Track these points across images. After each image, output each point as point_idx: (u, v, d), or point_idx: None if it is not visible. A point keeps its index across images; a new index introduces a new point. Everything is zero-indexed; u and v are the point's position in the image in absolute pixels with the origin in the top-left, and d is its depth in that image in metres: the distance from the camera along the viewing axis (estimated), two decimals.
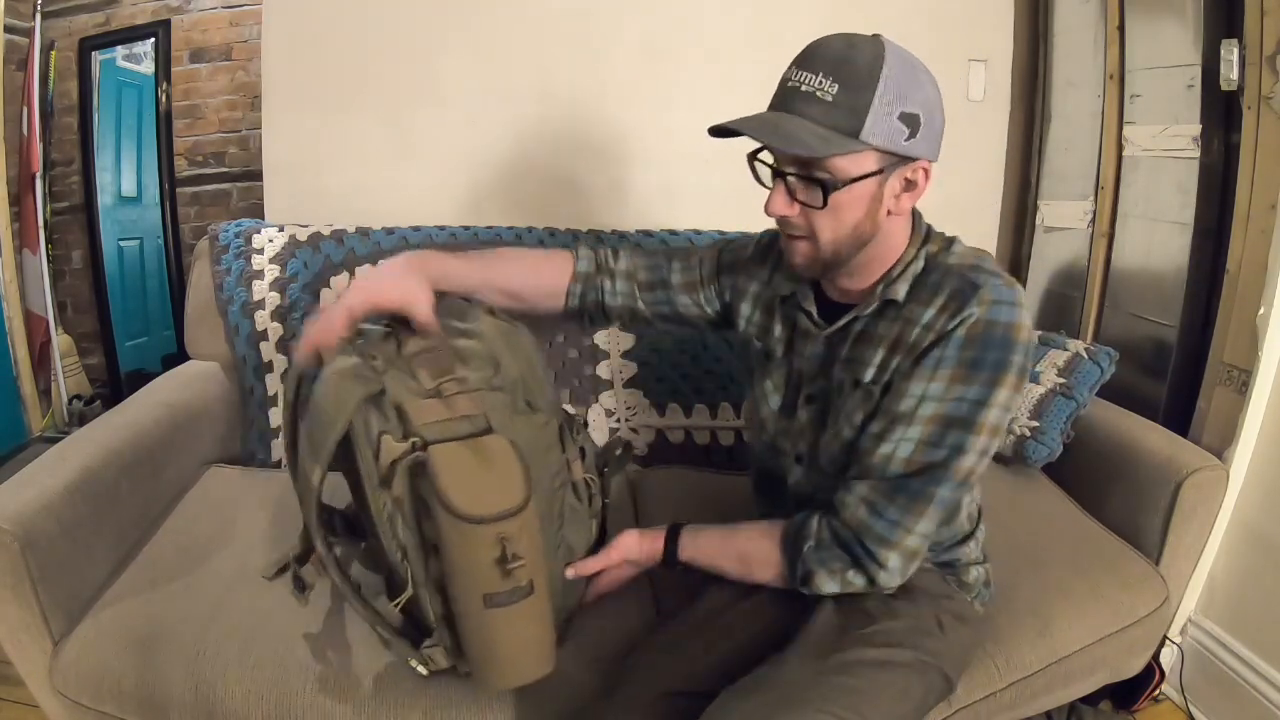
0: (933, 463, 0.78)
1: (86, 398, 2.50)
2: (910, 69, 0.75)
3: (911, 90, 0.75)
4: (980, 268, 0.80)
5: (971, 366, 0.76)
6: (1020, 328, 0.77)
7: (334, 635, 0.92)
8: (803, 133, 0.73)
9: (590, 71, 1.60)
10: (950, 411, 0.77)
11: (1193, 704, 1.30)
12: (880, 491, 0.79)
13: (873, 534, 0.79)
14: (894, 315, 0.82)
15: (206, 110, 2.57)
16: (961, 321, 0.76)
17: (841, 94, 0.73)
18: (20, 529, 0.86)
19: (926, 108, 0.76)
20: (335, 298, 1.35)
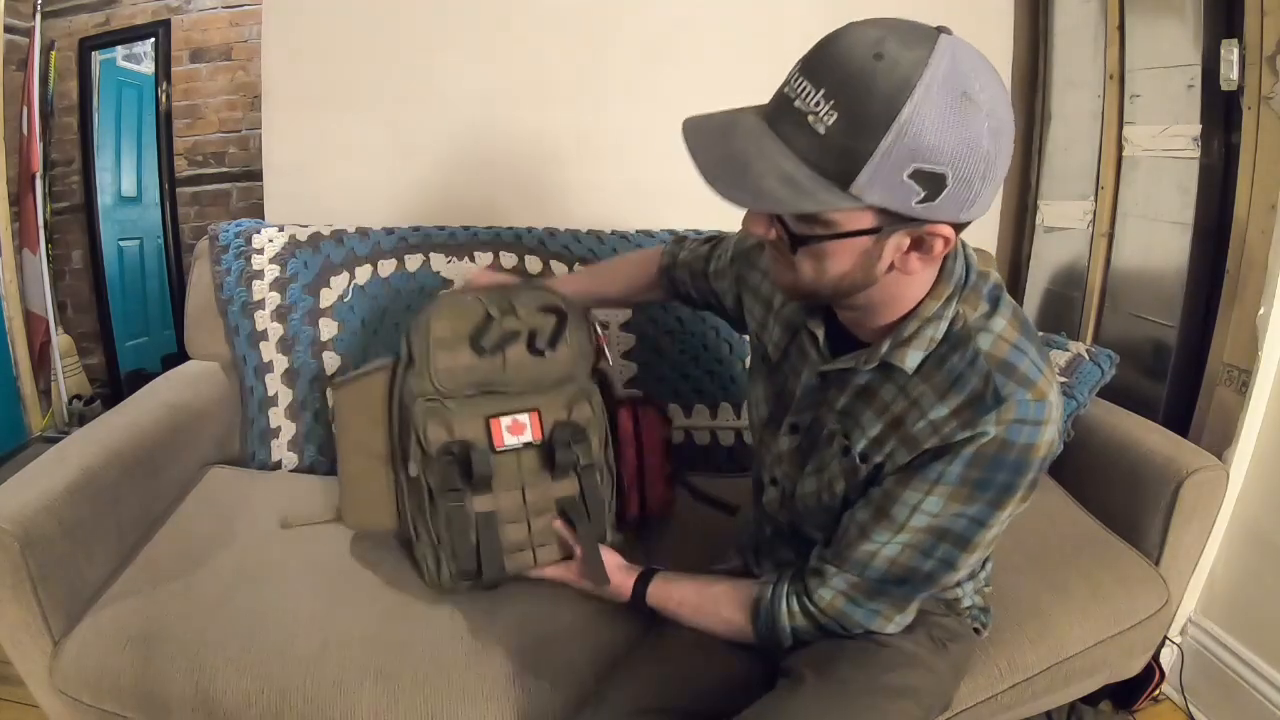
0: (918, 570, 0.73)
1: (86, 398, 2.50)
2: (955, 105, 0.54)
3: (943, 140, 0.54)
4: (1013, 368, 0.66)
5: (976, 487, 0.68)
6: (1039, 447, 0.67)
7: (334, 633, 0.92)
8: (769, 178, 0.57)
9: (591, 71, 1.60)
10: (945, 525, 0.70)
11: (1193, 704, 1.30)
12: (860, 590, 0.76)
13: (852, 620, 0.77)
14: (901, 383, 0.71)
15: (206, 110, 2.57)
16: (973, 438, 0.66)
17: (839, 126, 0.55)
18: (20, 529, 0.86)
19: (965, 165, 0.56)
20: (336, 298, 1.35)
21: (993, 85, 0.57)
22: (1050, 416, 0.67)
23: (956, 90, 0.55)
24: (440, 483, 0.95)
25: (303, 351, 1.35)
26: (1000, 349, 0.68)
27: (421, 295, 1.37)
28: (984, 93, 0.56)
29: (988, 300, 0.70)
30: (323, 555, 1.06)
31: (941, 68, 0.54)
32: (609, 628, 0.96)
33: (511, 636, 0.94)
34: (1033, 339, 0.70)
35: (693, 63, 1.61)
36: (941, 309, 0.69)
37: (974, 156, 0.56)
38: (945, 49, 0.55)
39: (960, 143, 0.55)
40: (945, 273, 0.69)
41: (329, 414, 1.22)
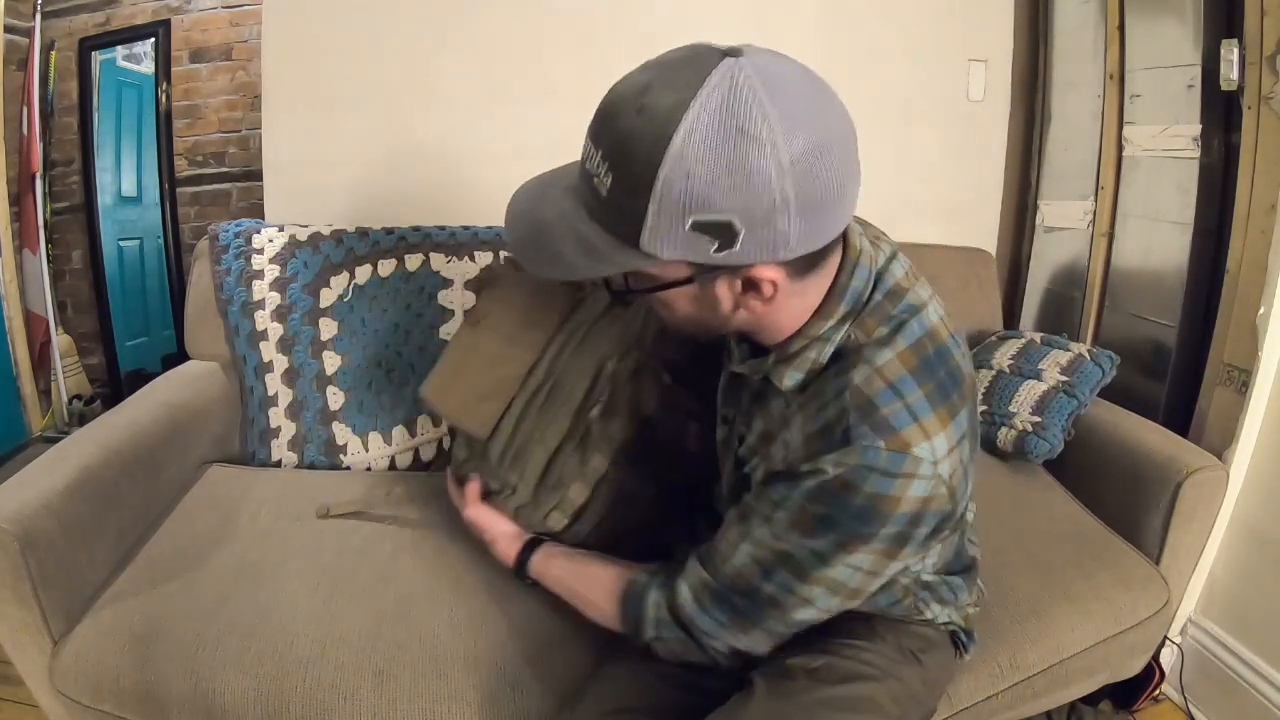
0: (758, 589, 0.68)
1: (86, 398, 2.50)
2: (725, 147, 0.49)
3: (717, 189, 0.50)
4: (874, 410, 0.60)
5: (818, 521, 0.62)
6: (896, 500, 0.60)
7: (333, 634, 0.92)
8: (567, 244, 0.56)
9: (591, 71, 1.59)
10: (788, 550, 0.65)
11: (1193, 704, 1.30)
12: (711, 591, 0.72)
13: (698, 626, 0.74)
14: (790, 398, 0.67)
15: (206, 110, 2.57)
16: (814, 472, 0.61)
17: (616, 189, 0.53)
18: (20, 529, 0.86)
19: (752, 208, 0.51)
20: (336, 298, 1.35)
21: (787, 108, 0.50)
22: (913, 471, 0.59)
23: (728, 129, 0.49)
24: (618, 446, 0.91)
25: (303, 351, 1.35)
26: (872, 386, 0.61)
27: (421, 295, 1.37)
28: (770, 120, 0.49)
29: (889, 325, 0.63)
30: (322, 555, 1.06)
31: (709, 107, 0.50)
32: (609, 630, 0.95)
33: (511, 639, 0.94)
34: (926, 379, 0.62)
35: None
36: (831, 330, 0.63)
37: (762, 197, 0.51)
38: (717, 83, 0.50)
39: (738, 187, 0.50)
40: (837, 289, 0.63)
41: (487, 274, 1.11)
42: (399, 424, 1.35)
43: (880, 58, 1.63)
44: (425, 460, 1.36)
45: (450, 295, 1.37)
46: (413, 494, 1.23)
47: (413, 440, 1.35)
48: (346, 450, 1.34)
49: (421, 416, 1.35)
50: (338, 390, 1.35)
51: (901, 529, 0.62)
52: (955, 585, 0.84)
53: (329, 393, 1.35)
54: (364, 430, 1.35)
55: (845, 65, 1.65)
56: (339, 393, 1.35)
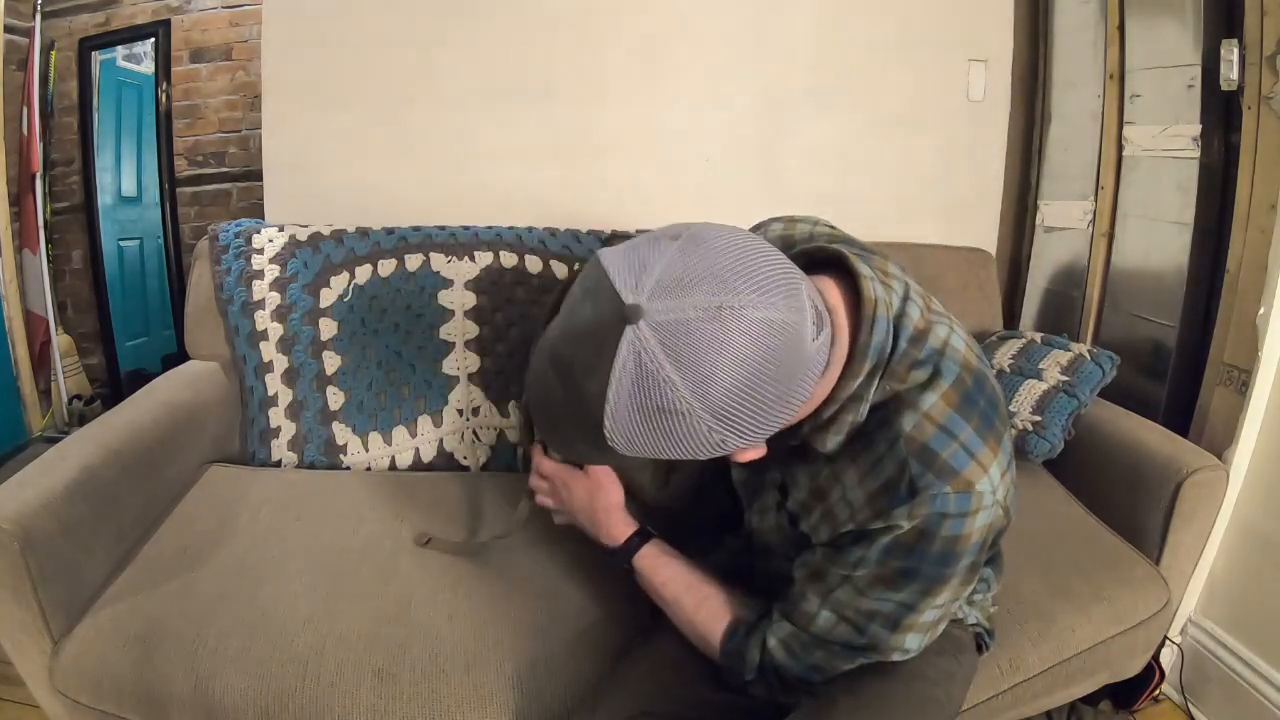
0: (852, 643, 0.70)
1: (86, 398, 2.50)
2: (653, 427, 0.53)
3: (663, 449, 0.54)
4: (934, 457, 0.61)
5: (900, 574, 0.64)
6: (967, 537, 0.62)
7: (333, 633, 0.92)
8: (577, 441, 0.58)
9: (590, 71, 1.60)
10: (874, 608, 0.67)
11: (1193, 704, 1.30)
12: (800, 641, 0.73)
13: (790, 673, 0.74)
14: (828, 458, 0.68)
15: (206, 110, 2.57)
16: (887, 529, 0.63)
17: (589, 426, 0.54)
18: (20, 529, 0.86)
19: (699, 449, 0.54)
20: (336, 298, 1.35)
21: (694, 367, 0.51)
22: (980, 506, 0.62)
23: (649, 409, 0.52)
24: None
25: (302, 351, 1.35)
26: (924, 431, 0.62)
27: (421, 295, 1.37)
28: (680, 391, 0.51)
29: (924, 370, 0.64)
30: (322, 555, 1.06)
31: (623, 393, 0.52)
32: (613, 632, 0.95)
33: (512, 638, 0.94)
34: (973, 412, 0.63)
35: (692, 62, 1.61)
36: (862, 388, 0.63)
37: (703, 445, 0.54)
38: (623, 366, 0.51)
39: (679, 445, 0.54)
40: (859, 349, 0.62)
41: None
42: (399, 424, 1.35)
43: (880, 58, 1.63)
44: (425, 460, 1.36)
45: (450, 295, 1.37)
46: (416, 496, 1.23)
47: (413, 440, 1.35)
48: (346, 450, 1.35)
49: (422, 417, 1.35)
50: (338, 390, 1.35)
51: (974, 559, 0.65)
52: (986, 578, 0.87)
53: (329, 393, 1.35)
54: (364, 430, 1.35)
55: (845, 65, 1.67)
56: (339, 393, 1.35)
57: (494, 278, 1.39)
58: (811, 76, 1.63)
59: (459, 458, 1.36)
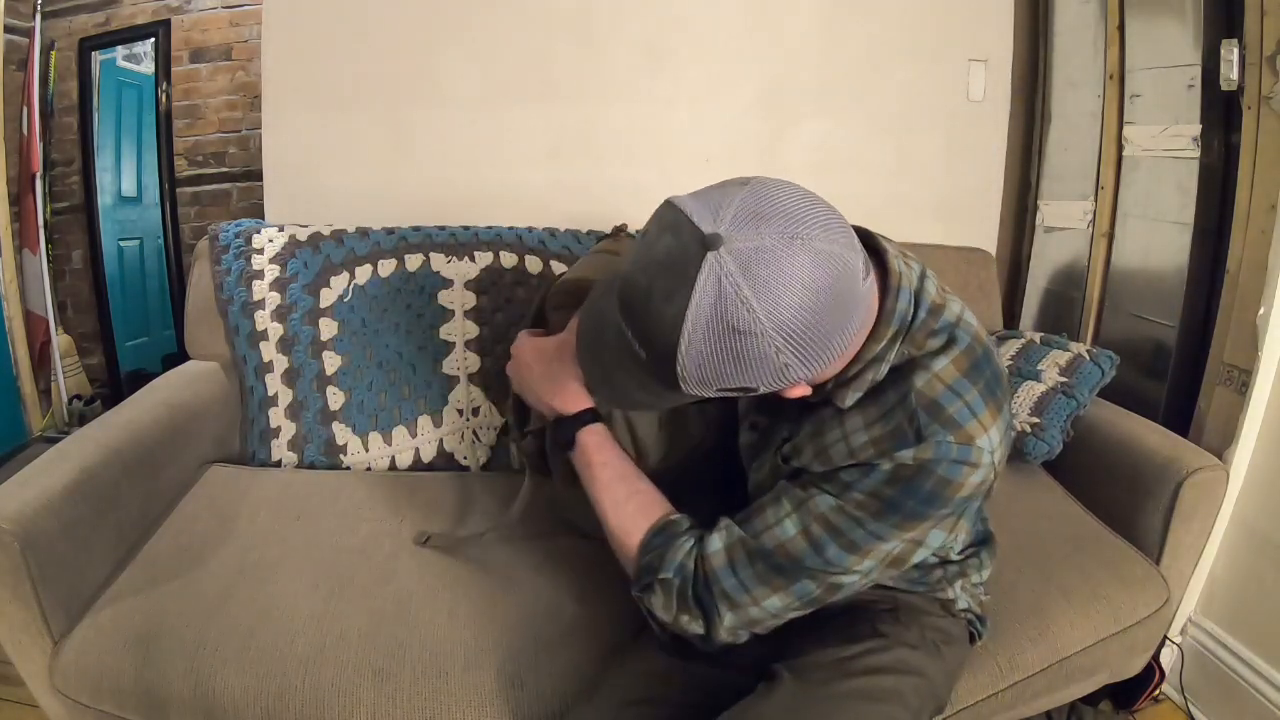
0: (800, 562, 0.72)
1: (86, 398, 2.50)
2: (725, 346, 0.57)
3: (727, 373, 0.58)
4: (941, 409, 0.67)
5: (885, 504, 0.68)
6: (960, 486, 0.67)
7: (333, 633, 0.92)
8: (631, 387, 0.65)
9: (590, 71, 1.60)
10: (843, 528, 0.70)
11: (1193, 704, 1.30)
12: (745, 549, 0.74)
13: (719, 586, 0.74)
14: (836, 411, 0.72)
15: (206, 110, 2.58)
16: (890, 460, 0.67)
17: (652, 361, 0.60)
18: (20, 529, 0.86)
19: (761, 378, 0.59)
20: (336, 298, 1.35)
21: (770, 292, 0.55)
22: (977, 460, 0.67)
23: (724, 329, 0.56)
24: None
25: (303, 351, 1.35)
26: (933, 388, 0.68)
27: (421, 295, 1.37)
28: (756, 313, 0.55)
29: (939, 338, 0.69)
30: (322, 555, 1.06)
31: (702, 314, 0.56)
32: (611, 629, 0.95)
33: (511, 637, 0.94)
34: (979, 378, 0.68)
35: (692, 63, 1.61)
36: (884, 350, 0.68)
37: (766, 371, 0.58)
38: (703, 287, 0.55)
39: (743, 371, 0.58)
40: (885, 314, 0.68)
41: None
42: (399, 424, 1.35)
43: (880, 58, 1.64)
44: (425, 460, 1.36)
45: (450, 295, 1.37)
46: (416, 496, 1.23)
47: (413, 440, 1.35)
48: (346, 450, 1.35)
49: (422, 417, 1.35)
50: (338, 390, 1.35)
51: (953, 510, 0.69)
52: (977, 564, 0.88)
53: (329, 393, 1.35)
54: (364, 430, 1.35)
55: (845, 65, 1.67)
56: (339, 393, 1.35)
57: (494, 278, 1.39)
58: (812, 76, 1.63)
59: (459, 458, 1.36)
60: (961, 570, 0.87)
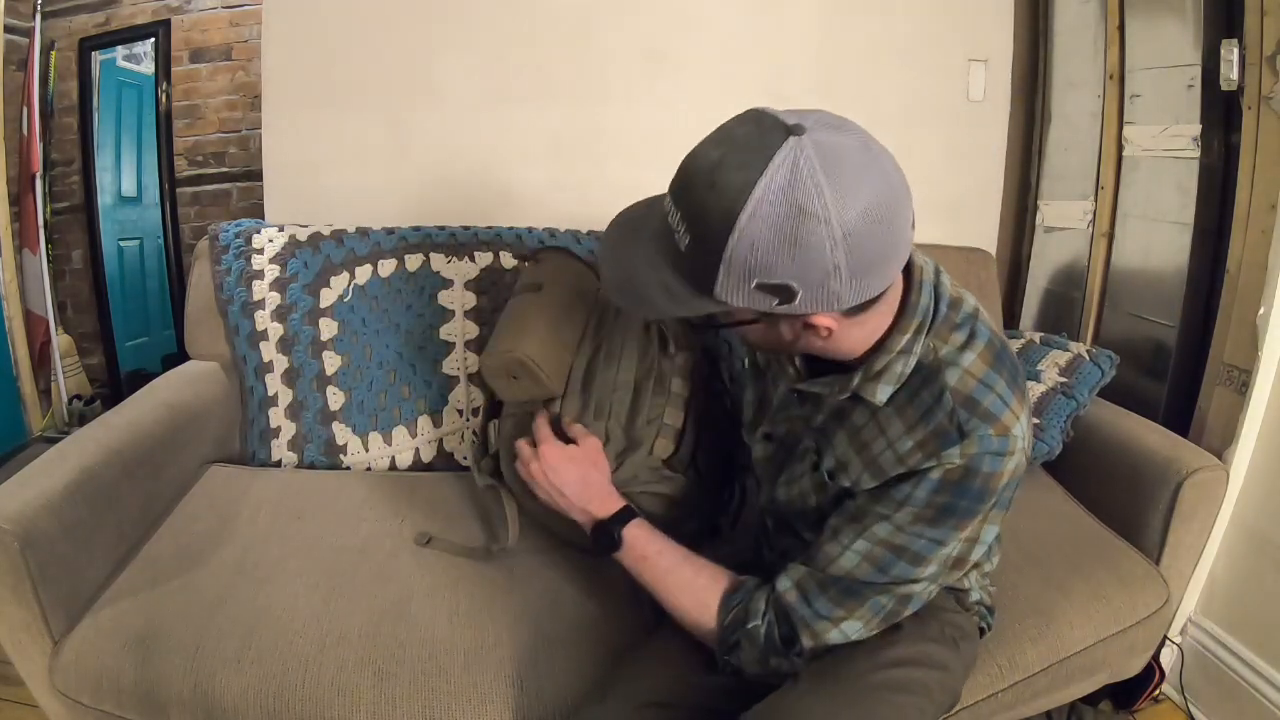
0: (871, 584, 0.74)
1: (86, 398, 2.50)
2: (786, 224, 0.56)
3: (778, 260, 0.57)
4: (977, 404, 0.69)
5: (941, 510, 0.70)
6: (1002, 475, 0.69)
7: (333, 633, 0.92)
8: (653, 289, 0.64)
9: (590, 71, 1.60)
10: (905, 544, 0.72)
11: (1193, 704, 1.30)
12: (815, 581, 0.76)
13: (798, 616, 0.76)
14: (872, 410, 0.73)
15: (206, 110, 2.57)
16: (939, 465, 0.69)
17: (692, 248, 0.61)
18: (20, 529, 0.86)
19: (808, 275, 0.58)
20: (336, 298, 1.35)
21: (844, 188, 0.56)
22: (1014, 448, 0.69)
23: (790, 207, 0.56)
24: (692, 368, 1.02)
25: (303, 351, 1.35)
26: (966, 384, 0.70)
27: (422, 295, 1.37)
28: (825, 199, 0.56)
29: (962, 332, 0.72)
30: (322, 554, 1.06)
31: (773, 187, 0.56)
32: (612, 628, 0.96)
33: (512, 636, 0.94)
34: (1004, 368, 0.71)
35: (692, 63, 1.61)
36: (909, 343, 0.70)
37: (817, 266, 0.58)
38: (780, 163, 0.56)
39: (797, 258, 0.57)
40: (908, 307, 0.70)
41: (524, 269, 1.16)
42: (399, 424, 1.35)
43: (880, 58, 1.63)
44: (425, 460, 1.36)
45: (450, 295, 1.37)
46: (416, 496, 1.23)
47: (413, 440, 1.35)
48: (346, 450, 1.35)
49: (422, 417, 1.35)
50: (338, 390, 1.35)
51: (999, 498, 0.71)
52: (987, 553, 0.88)
53: (329, 393, 1.35)
54: (364, 430, 1.35)
55: (845, 65, 1.66)
56: (339, 393, 1.35)
57: (494, 278, 1.39)
58: (812, 76, 1.63)
59: (459, 458, 1.36)
60: (978, 566, 0.89)
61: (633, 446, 0.98)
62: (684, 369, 1.02)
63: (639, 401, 0.99)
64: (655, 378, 1.00)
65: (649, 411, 0.99)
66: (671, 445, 0.99)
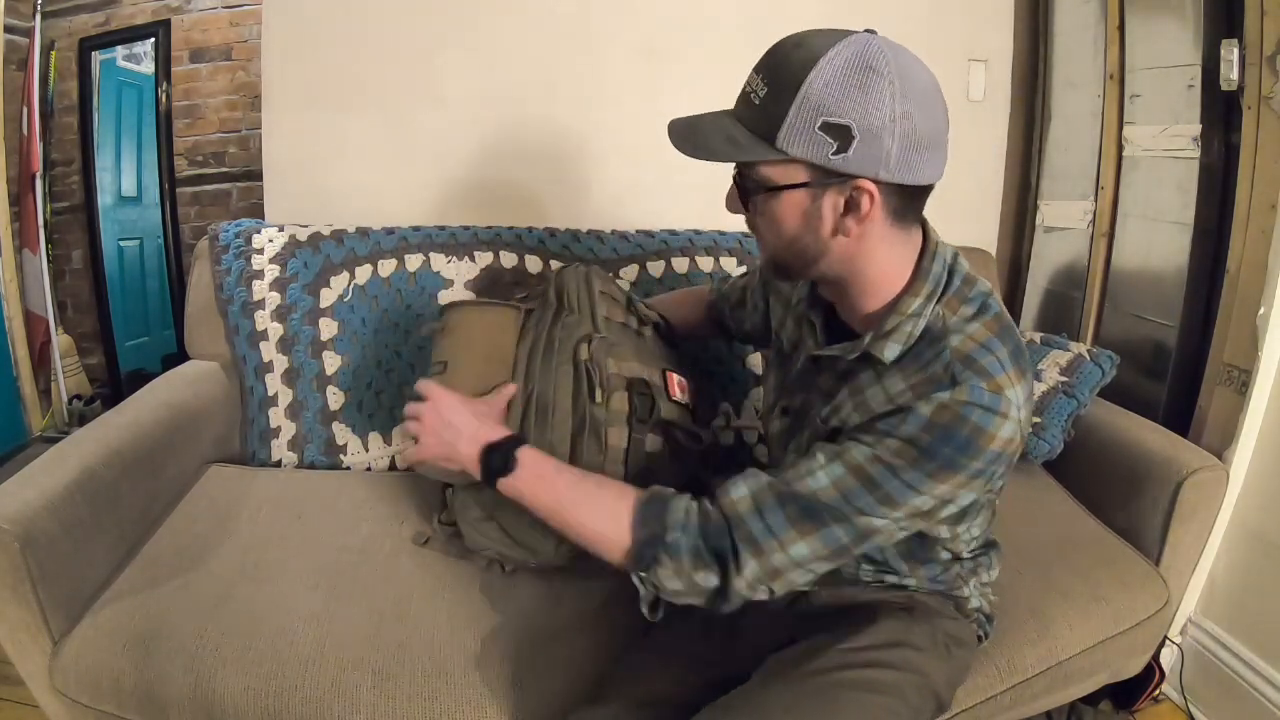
0: (833, 509, 0.72)
1: (86, 398, 2.50)
2: (856, 73, 0.65)
3: (847, 99, 0.64)
4: (973, 360, 0.70)
5: (922, 451, 0.69)
6: (992, 437, 0.68)
7: (333, 633, 0.92)
8: (714, 138, 0.70)
9: (590, 70, 1.60)
10: (877, 477, 0.70)
11: (1193, 704, 1.30)
12: (773, 492, 0.73)
13: (744, 530, 0.73)
14: (879, 371, 0.74)
15: (206, 110, 2.57)
16: (927, 402, 0.69)
17: (767, 96, 0.67)
18: (20, 529, 0.86)
19: (868, 120, 0.64)
20: (336, 298, 1.35)
21: (905, 68, 0.66)
22: (1007, 412, 0.68)
23: (860, 64, 0.65)
24: (626, 414, 0.96)
25: (303, 351, 1.35)
26: (967, 345, 0.71)
27: (422, 295, 1.37)
28: (890, 68, 0.65)
29: (971, 306, 0.74)
30: (322, 554, 1.06)
31: (850, 49, 0.65)
32: (609, 627, 0.96)
33: (511, 637, 0.94)
34: (1007, 342, 0.72)
35: (692, 62, 1.61)
36: (921, 307, 0.73)
37: (876, 112, 0.65)
38: (860, 39, 0.67)
39: (860, 101, 0.64)
40: (921, 272, 0.74)
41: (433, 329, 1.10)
42: (399, 424, 1.35)
43: None
44: None
45: (450, 295, 1.37)
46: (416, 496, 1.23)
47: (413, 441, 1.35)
48: (346, 450, 1.35)
49: None
50: (338, 390, 1.35)
51: (985, 466, 0.70)
52: (987, 563, 0.92)
53: (329, 393, 1.35)
54: (364, 430, 1.35)
55: None
56: (339, 393, 1.35)
57: (494, 278, 1.39)
58: None
59: None
60: (974, 568, 0.90)
61: None
62: (619, 414, 0.95)
63: (577, 458, 0.93)
64: (590, 429, 0.94)
65: (588, 466, 0.92)
66: None
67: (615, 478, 0.89)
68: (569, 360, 0.97)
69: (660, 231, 1.49)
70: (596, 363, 0.96)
